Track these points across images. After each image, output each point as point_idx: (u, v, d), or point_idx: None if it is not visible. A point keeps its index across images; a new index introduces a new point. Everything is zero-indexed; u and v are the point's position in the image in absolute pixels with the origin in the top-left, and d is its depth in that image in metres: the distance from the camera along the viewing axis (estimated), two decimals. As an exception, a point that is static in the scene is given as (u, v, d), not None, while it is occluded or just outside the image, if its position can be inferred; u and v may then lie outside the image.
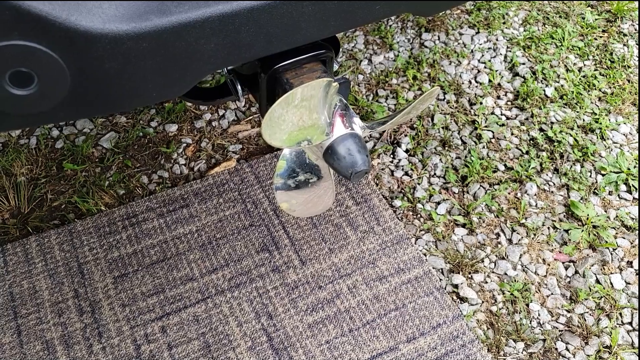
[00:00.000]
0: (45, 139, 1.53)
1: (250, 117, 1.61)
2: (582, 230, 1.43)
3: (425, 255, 1.38)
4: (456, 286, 1.33)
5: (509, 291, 1.33)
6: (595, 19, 1.94)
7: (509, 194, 1.50)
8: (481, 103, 1.69)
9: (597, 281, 1.36)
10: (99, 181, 1.45)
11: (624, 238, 1.43)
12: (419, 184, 1.51)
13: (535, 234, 1.43)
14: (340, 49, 1.81)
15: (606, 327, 1.29)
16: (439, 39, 1.86)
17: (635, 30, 1.92)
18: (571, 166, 1.56)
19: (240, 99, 0.84)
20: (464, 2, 0.80)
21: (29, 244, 1.33)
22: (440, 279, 1.34)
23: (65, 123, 1.57)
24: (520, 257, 1.39)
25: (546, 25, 1.92)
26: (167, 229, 1.36)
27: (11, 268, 1.29)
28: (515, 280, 1.35)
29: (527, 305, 1.32)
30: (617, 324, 1.30)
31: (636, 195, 1.51)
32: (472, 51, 1.83)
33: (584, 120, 1.66)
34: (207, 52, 0.62)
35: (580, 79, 1.77)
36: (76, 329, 1.21)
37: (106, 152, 1.51)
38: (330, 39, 0.82)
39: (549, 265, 1.38)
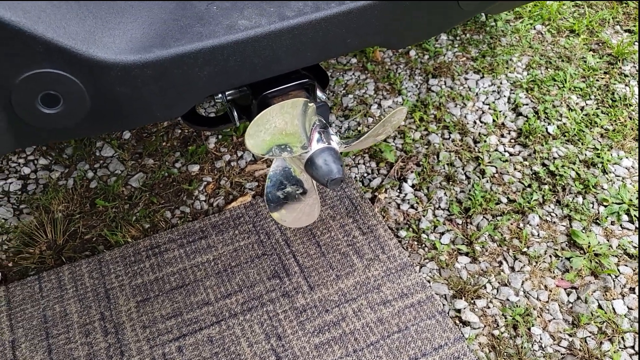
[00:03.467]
0: (81, 180, 1.69)
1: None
2: (584, 258, 1.48)
3: (428, 281, 1.44)
4: (459, 311, 1.39)
5: (511, 316, 1.37)
6: (597, 62, 2.03)
7: (512, 224, 1.56)
8: (485, 141, 1.78)
9: (599, 307, 1.39)
10: (127, 216, 1.59)
11: (626, 265, 1.46)
12: (424, 216, 1.59)
13: (537, 262, 1.48)
14: (349, 92, 1.94)
15: (608, 350, 1.31)
16: (445, 84, 1.98)
17: (637, 71, 2.00)
18: (573, 198, 1.62)
19: (237, 124, 0.96)
20: (433, 36, 0.91)
21: (62, 272, 1.46)
22: (443, 304, 1.40)
23: (99, 166, 1.73)
24: (522, 284, 1.44)
25: (549, 69, 2.02)
26: (186, 258, 1.47)
27: (45, 293, 1.41)
28: (517, 306, 1.39)
29: (529, 329, 1.35)
30: (620, 347, 1.32)
31: (638, 225, 1.55)
32: (476, 94, 1.94)
33: (585, 155, 1.73)
34: (201, 79, 0.74)
35: (582, 117, 1.84)
36: (101, 348, 1.31)
37: (134, 191, 1.65)
38: (315, 70, 0.94)
39: (550, 291, 1.42)
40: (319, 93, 0.92)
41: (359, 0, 0.79)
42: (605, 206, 1.60)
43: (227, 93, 0.92)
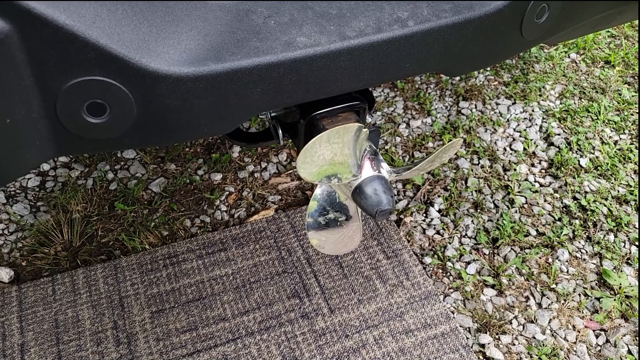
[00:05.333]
0: (100, 181, 1.65)
1: (291, 171, 1.70)
2: (615, 300, 1.42)
3: (453, 312, 1.39)
4: (483, 346, 1.34)
5: (537, 355, 1.32)
6: (632, 96, 1.99)
7: (540, 258, 1.52)
8: (515, 169, 1.73)
9: (629, 352, 1.34)
10: (145, 222, 1.55)
11: (658, 310, 1.41)
12: (449, 243, 1.54)
13: (565, 300, 1.43)
14: (378, 109, 1.90)
15: (638, 399, 1.26)
16: (475, 108, 1.94)
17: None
18: (604, 235, 1.57)
19: (281, 142, 0.92)
20: (491, 65, 0.87)
21: (76, 275, 1.42)
22: (467, 338, 1.35)
23: (120, 167, 1.69)
24: (549, 322, 1.38)
25: (582, 100, 1.98)
26: (204, 270, 1.43)
27: (58, 297, 1.37)
28: (543, 345, 1.34)
29: (555, 370, 1.30)
30: (650, 397, 1.27)
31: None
32: (508, 120, 1.90)
33: (618, 191, 1.68)
34: (253, 96, 0.70)
35: (615, 151, 1.79)
36: (112, 359, 1.27)
37: (155, 196, 1.62)
38: (364, 92, 0.91)
39: (579, 332, 1.37)
40: (366, 116, 0.88)
41: (422, 24, 0.75)
42: (638, 246, 1.54)
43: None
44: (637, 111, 1.93)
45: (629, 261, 1.51)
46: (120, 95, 0.64)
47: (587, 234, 1.57)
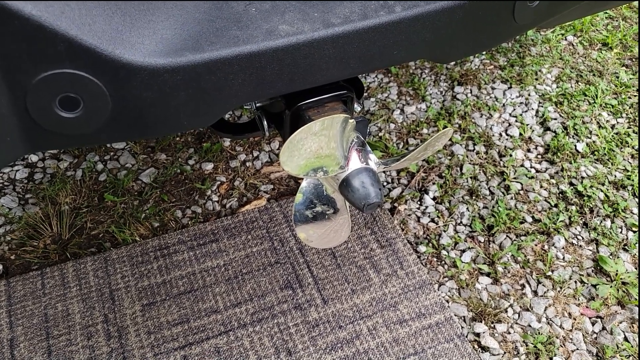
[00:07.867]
0: (90, 172, 1.62)
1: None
2: (611, 286, 1.41)
3: (447, 301, 1.38)
4: (478, 335, 1.32)
5: (532, 343, 1.31)
6: (630, 79, 1.96)
7: (536, 245, 1.50)
8: (511, 155, 1.71)
9: (626, 339, 1.33)
10: (136, 213, 1.52)
11: (655, 296, 1.40)
12: (444, 231, 1.52)
13: (561, 287, 1.41)
14: (371, 95, 1.87)
15: (634, 387, 1.25)
16: (471, 92, 1.91)
17: (671, 90, 1.92)
18: (601, 221, 1.55)
19: (266, 134, 0.90)
20: (483, 51, 0.84)
21: (66, 268, 1.40)
22: (462, 327, 1.33)
23: (109, 158, 1.67)
24: (545, 310, 1.37)
25: (579, 83, 1.95)
26: (196, 262, 1.41)
27: (48, 290, 1.36)
28: (539, 333, 1.33)
29: (551, 358, 1.29)
30: (646, 384, 1.26)
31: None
32: (503, 105, 1.87)
33: (615, 176, 1.66)
34: (234, 87, 0.68)
35: (612, 135, 1.77)
36: (103, 353, 1.25)
37: (145, 186, 1.59)
38: (353, 81, 0.88)
39: (575, 319, 1.36)
40: (355, 105, 0.86)
41: (410, 10, 0.72)
42: (635, 232, 1.53)
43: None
44: (635, 94, 1.90)
45: (626, 247, 1.49)
46: (94, 88, 0.61)
47: (583, 220, 1.55)
